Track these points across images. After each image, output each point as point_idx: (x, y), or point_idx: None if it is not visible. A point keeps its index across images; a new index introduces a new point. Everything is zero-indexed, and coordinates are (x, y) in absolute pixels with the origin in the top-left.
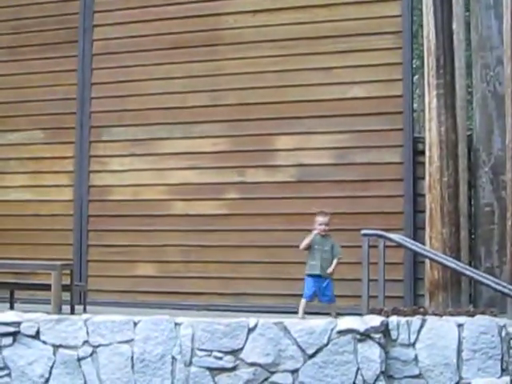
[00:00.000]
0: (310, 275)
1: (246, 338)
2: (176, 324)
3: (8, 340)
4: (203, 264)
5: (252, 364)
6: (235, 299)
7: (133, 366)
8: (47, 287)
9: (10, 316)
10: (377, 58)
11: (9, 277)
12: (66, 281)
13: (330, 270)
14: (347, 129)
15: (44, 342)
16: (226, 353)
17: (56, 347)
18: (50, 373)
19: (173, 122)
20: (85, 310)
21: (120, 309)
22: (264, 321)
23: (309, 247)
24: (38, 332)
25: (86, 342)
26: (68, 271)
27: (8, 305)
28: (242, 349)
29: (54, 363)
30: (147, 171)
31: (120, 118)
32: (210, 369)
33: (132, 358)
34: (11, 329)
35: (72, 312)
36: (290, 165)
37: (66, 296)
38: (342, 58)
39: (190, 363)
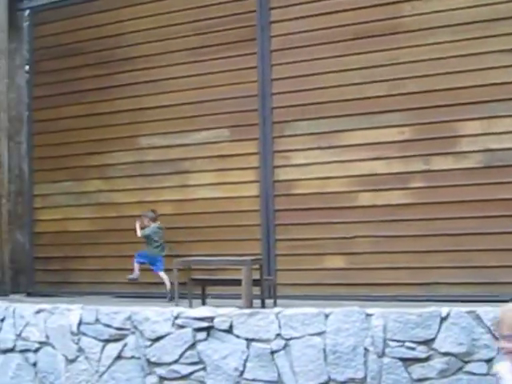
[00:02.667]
0: None
1: (439, 328)
2: (367, 315)
3: (202, 335)
4: (391, 254)
5: (445, 354)
6: (424, 289)
7: (325, 358)
8: (238, 282)
9: (204, 311)
10: None
11: (200, 273)
12: (256, 275)
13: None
14: None
15: (237, 336)
16: (419, 343)
17: (249, 341)
18: (244, 366)
19: (354, 113)
20: (275, 304)
21: (309, 301)
22: (456, 310)
23: None
24: (231, 326)
25: (278, 335)
26: (257, 266)
27: (200, 301)
28: (434, 338)
29: (247, 357)
30: (332, 163)
31: (301, 112)
32: (402, 359)
33: (324, 350)
34: (205, 324)
35: (263, 306)
36: (477, 150)
37: (255, 290)
38: None
39: (383, 354)
